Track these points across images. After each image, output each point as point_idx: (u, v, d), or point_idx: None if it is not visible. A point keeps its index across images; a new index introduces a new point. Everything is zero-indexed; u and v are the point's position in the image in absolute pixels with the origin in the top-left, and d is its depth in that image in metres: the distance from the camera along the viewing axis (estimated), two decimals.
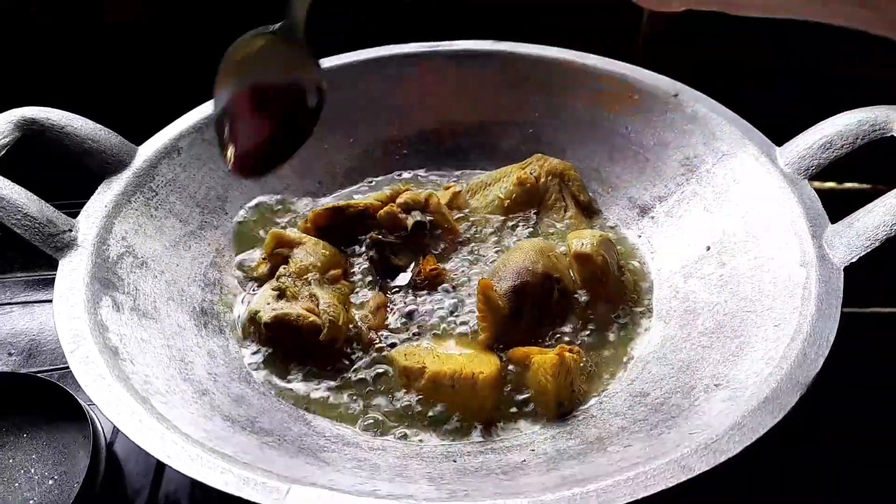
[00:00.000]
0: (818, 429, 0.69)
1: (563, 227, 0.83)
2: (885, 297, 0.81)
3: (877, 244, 0.62)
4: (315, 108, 0.66)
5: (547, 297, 0.72)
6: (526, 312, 0.71)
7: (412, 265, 0.78)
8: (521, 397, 0.67)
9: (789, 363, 0.57)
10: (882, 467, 0.69)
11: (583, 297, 0.74)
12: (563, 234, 0.82)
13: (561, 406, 0.66)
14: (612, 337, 0.72)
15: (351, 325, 0.71)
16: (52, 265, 0.67)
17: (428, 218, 0.80)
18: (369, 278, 0.77)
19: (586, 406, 0.67)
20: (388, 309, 0.74)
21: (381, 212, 0.79)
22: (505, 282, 0.71)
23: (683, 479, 0.49)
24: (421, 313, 0.74)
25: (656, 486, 0.49)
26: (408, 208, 0.80)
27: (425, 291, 0.75)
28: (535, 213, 0.85)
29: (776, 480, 0.68)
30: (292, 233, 0.79)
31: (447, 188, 0.86)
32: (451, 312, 0.74)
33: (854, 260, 0.62)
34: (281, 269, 0.76)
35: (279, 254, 0.77)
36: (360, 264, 0.79)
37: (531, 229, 0.83)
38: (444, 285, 0.76)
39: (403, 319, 0.73)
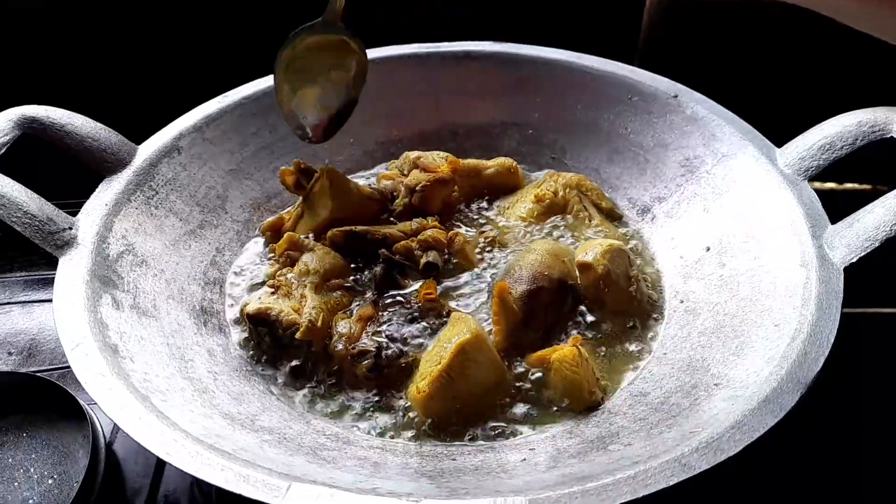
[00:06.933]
0: (816, 428, 0.69)
1: (593, 234, 0.81)
2: (885, 297, 0.81)
3: (877, 244, 0.62)
4: (361, 76, 0.80)
5: (560, 302, 0.71)
6: (538, 317, 0.70)
7: (413, 288, 0.75)
8: (524, 389, 0.66)
9: (789, 363, 0.57)
10: (881, 469, 0.69)
11: (588, 304, 0.73)
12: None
13: (593, 394, 0.65)
14: (616, 343, 0.72)
15: (329, 333, 0.70)
16: (52, 265, 0.67)
17: (446, 256, 0.78)
18: (368, 294, 0.75)
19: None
20: (371, 324, 0.71)
21: (399, 245, 0.77)
22: (520, 285, 0.70)
23: (683, 477, 0.49)
24: (395, 338, 0.70)
25: (656, 484, 0.49)
26: (427, 247, 0.77)
27: (415, 317, 0.71)
28: (562, 225, 0.83)
29: (773, 481, 0.68)
30: (307, 239, 0.79)
31: (482, 234, 0.82)
32: (421, 346, 0.69)
33: (854, 260, 0.63)
34: (285, 269, 0.76)
35: (290, 256, 0.77)
36: (365, 280, 0.76)
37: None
38: (435, 318, 0.71)
39: (377, 338, 0.69)
